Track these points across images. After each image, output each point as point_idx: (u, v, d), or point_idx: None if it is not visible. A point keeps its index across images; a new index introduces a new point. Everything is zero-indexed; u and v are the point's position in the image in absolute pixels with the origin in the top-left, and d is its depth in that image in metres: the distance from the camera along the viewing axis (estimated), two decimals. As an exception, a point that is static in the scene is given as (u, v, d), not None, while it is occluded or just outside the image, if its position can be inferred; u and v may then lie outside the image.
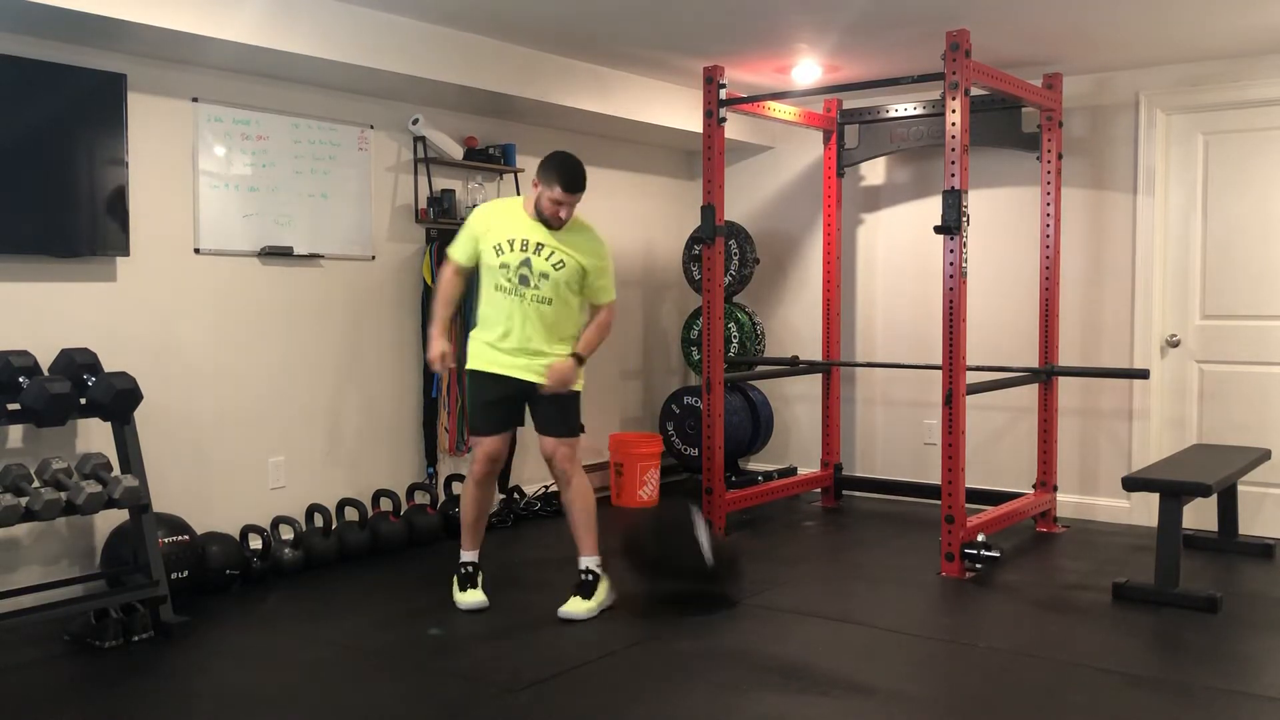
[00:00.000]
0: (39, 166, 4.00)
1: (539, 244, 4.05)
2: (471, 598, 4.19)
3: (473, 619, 4.08)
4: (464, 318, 5.56)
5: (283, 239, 4.87)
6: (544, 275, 4.05)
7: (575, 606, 4.06)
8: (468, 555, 4.28)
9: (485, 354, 4.14)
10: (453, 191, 5.47)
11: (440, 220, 5.41)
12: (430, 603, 4.28)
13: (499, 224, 4.10)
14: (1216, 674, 3.50)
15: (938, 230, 4.57)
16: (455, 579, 4.27)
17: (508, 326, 4.08)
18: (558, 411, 4.15)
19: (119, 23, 3.83)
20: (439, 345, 4.13)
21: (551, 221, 4.05)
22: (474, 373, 4.19)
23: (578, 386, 4.18)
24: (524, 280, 4.04)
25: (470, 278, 4.26)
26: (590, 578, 4.13)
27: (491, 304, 4.12)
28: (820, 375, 6.27)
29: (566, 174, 3.98)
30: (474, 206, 5.53)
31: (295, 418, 4.96)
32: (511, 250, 4.05)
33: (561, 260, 4.06)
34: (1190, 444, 5.50)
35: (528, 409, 4.24)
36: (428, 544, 5.18)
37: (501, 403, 4.17)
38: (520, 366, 4.10)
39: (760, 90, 5.93)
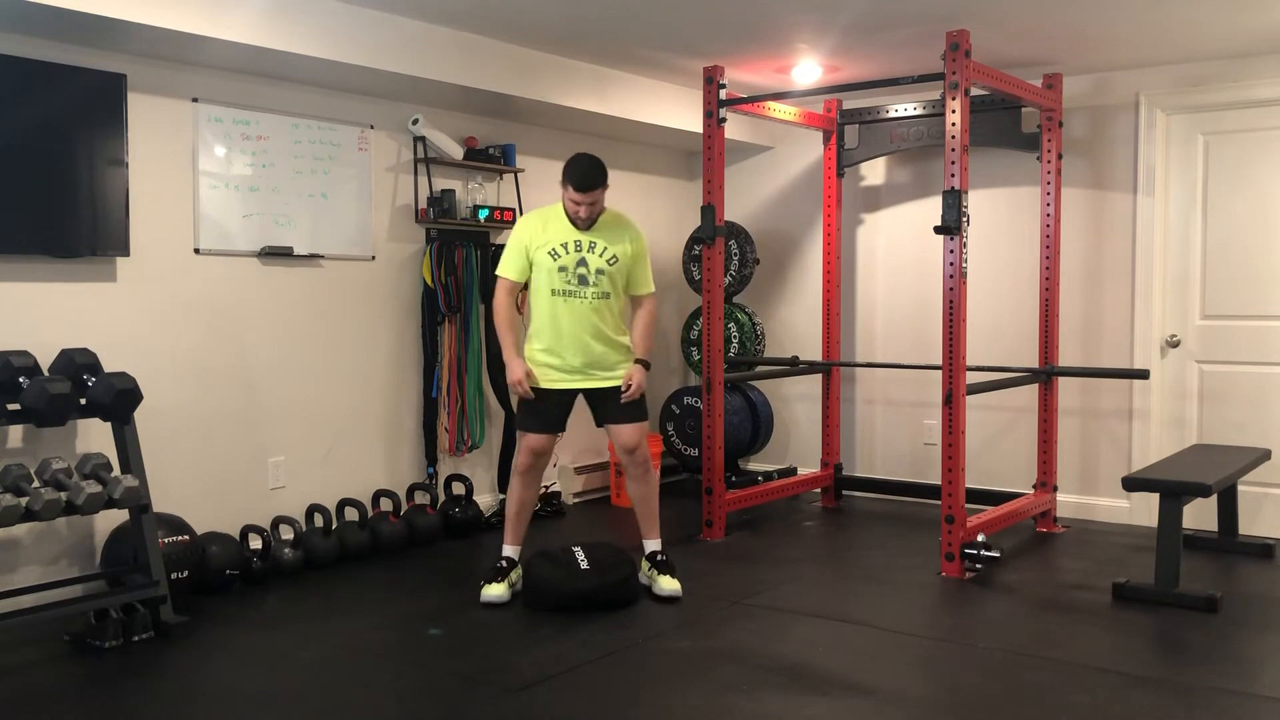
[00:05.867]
0: (39, 166, 4.00)
1: (591, 242, 4.17)
2: (488, 590, 4.22)
3: (473, 618, 4.08)
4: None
5: (283, 239, 4.87)
6: (600, 271, 4.18)
7: (673, 584, 4.28)
8: (506, 550, 4.35)
9: (545, 372, 4.22)
10: (453, 191, 5.47)
11: (440, 220, 5.41)
12: (430, 603, 4.29)
13: (547, 230, 4.18)
14: (1216, 674, 3.49)
15: (938, 230, 4.57)
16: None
17: (567, 332, 4.17)
18: (614, 401, 4.26)
19: (119, 23, 3.82)
20: (520, 367, 4.20)
21: (576, 221, 4.16)
22: (534, 389, 4.24)
23: None
24: (583, 280, 4.16)
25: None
26: (666, 558, 4.37)
27: (547, 313, 4.19)
28: (820, 375, 6.27)
29: (578, 173, 4.10)
30: (474, 207, 5.56)
31: (295, 418, 4.96)
32: (567, 252, 4.16)
33: (614, 255, 4.19)
34: (1190, 444, 5.50)
35: (591, 407, 4.36)
36: (428, 544, 5.18)
37: (554, 408, 4.27)
38: (580, 378, 4.23)
39: (760, 90, 5.93)
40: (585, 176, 4.10)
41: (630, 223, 4.33)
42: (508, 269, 4.24)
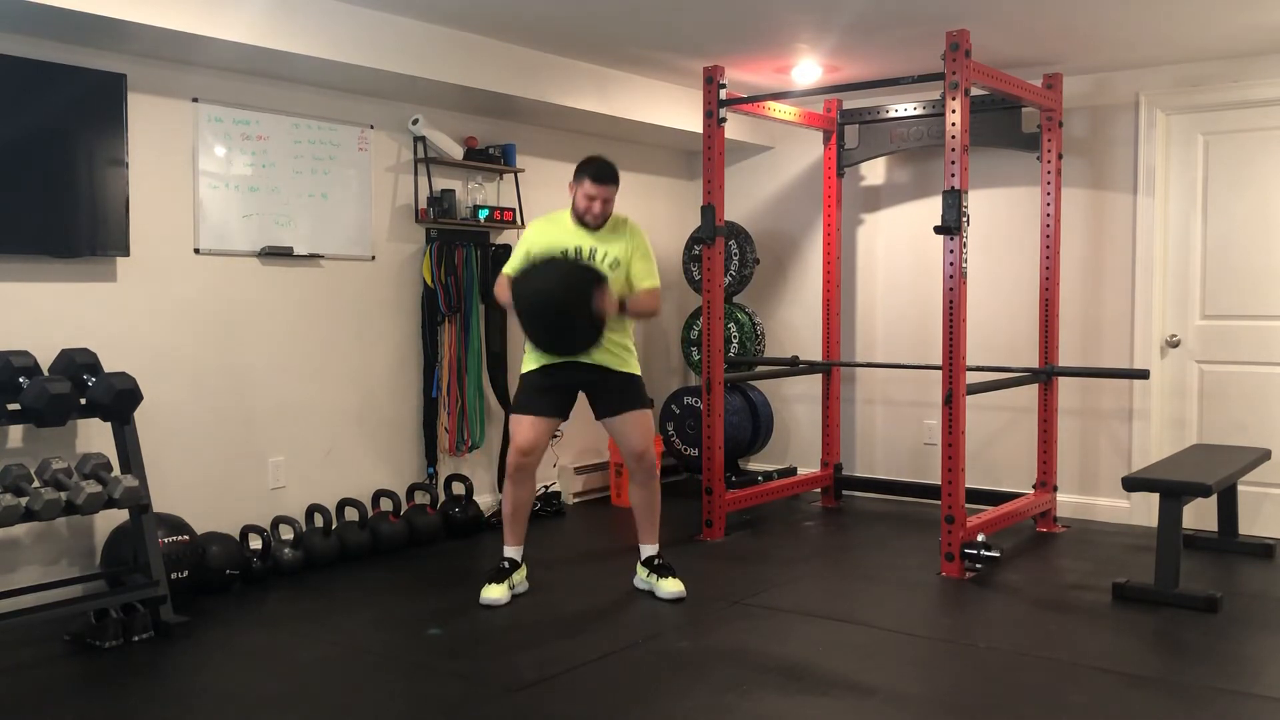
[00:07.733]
0: (39, 166, 4.00)
1: (593, 248, 4.20)
2: (488, 592, 4.22)
3: (473, 618, 4.08)
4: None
5: (283, 239, 4.87)
6: None
7: (676, 585, 4.29)
8: (507, 550, 4.36)
9: (539, 357, 4.23)
10: (453, 191, 5.47)
11: (440, 220, 5.41)
12: (430, 603, 4.29)
13: (552, 235, 4.22)
14: (1216, 674, 3.50)
15: (938, 230, 4.57)
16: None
17: None
18: (619, 391, 4.24)
19: (119, 23, 3.82)
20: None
21: (587, 218, 4.19)
22: (527, 373, 4.26)
23: (635, 370, 4.28)
24: None
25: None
26: (663, 560, 4.40)
27: None
28: (820, 375, 6.27)
29: (594, 166, 4.16)
30: (474, 207, 5.57)
31: (295, 418, 4.96)
32: (570, 256, 4.18)
33: (616, 259, 4.22)
34: (1190, 444, 5.50)
35: (592, 400, 4.34)
36: (428, 544, 5.18)
37: (552, 390, 4.24)
38: (583, 358, 4.19)
39: (760, 90, 5.93)
40: (601, 170, 4.16)
41: (629, 224, 4.32)
42: (513, 267, 4.23)
